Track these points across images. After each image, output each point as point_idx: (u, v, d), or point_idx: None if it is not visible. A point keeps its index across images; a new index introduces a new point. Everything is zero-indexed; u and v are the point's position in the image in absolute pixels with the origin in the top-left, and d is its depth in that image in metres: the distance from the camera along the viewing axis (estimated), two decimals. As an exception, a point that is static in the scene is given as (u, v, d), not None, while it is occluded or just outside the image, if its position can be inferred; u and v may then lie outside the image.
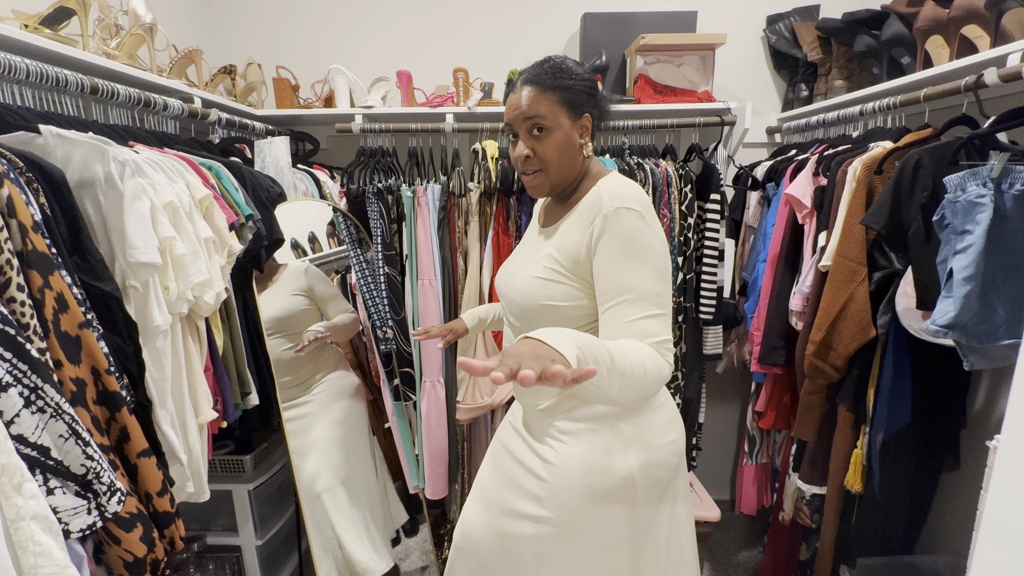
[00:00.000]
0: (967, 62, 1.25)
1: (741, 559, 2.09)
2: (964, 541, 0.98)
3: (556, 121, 0.96)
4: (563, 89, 0.95)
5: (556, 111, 0.95)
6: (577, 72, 0.97)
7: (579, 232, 0.94)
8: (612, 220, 0.89)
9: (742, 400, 2.34)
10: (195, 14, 2.06)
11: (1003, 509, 0.61)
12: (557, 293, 0.95)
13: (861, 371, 1.34)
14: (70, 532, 0.78)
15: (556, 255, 0.96)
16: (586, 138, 0.99)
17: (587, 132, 0.99)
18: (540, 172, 0.99)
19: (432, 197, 1.77)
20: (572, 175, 1.00)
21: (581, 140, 0.98)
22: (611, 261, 0.89)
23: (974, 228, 1.03)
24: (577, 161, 0.99)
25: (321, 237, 1.92)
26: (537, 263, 0.99)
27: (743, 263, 1.89)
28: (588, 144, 1.00)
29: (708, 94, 1.95)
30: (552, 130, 0.96)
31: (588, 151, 1.00)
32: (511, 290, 1.01)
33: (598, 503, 0.95)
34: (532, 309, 0.98)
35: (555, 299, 0.95)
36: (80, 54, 1.18)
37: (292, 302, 1.70)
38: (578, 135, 0.98)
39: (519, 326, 1.03)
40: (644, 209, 0.91)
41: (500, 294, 1.07)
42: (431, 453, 1.87)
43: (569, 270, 0.94)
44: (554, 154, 0.97)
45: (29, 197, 0.84)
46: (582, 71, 0.98)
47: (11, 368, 0.72)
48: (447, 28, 2.15)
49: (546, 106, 0.95)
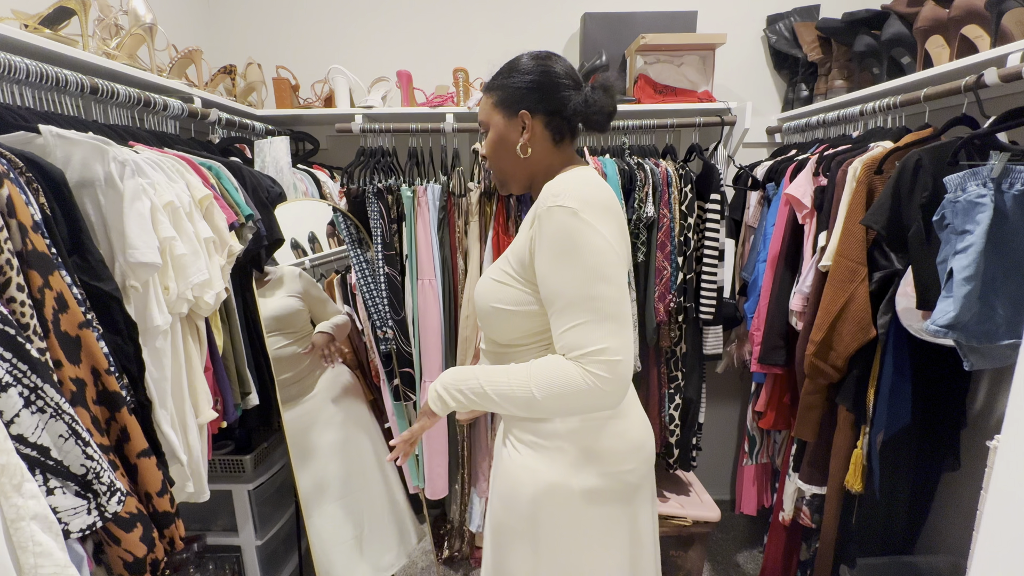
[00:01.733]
0: (967, 62, 1.25)
1: (741, 559, 2.09)
2: (964, 541, 0.98)
3: (490, 121, 0.97)
4: (498, 88, 0.95)
5: (490, 112, 0.96)
6: (525, 67, 0.93)
7: (525, 233, 0.91)
8: (545, 220, 0.83)
9: (742, 400, 2.34)
10: (195, 14, 2.06)
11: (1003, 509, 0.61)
12: (507, 296, 0.92)
13: (861, 371, 1.34)
14: (70, 532, 0.78)
15: (509, 257, 0.94)
16: (527, 136, 0.93)
17: (529, 130, 0.93)
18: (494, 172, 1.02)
19: (432, 197, 1.76)
20: (520, 174, 0.98)
21: (522, 138, 0.93)
22: (543, 265, 0.84)
23: (974, 228, 1.03)
24: (515, 160, 0.96)
25: (321, 237, 1.92)
26: (496, 266, 0.97)
27: (743, 263, 1.89)
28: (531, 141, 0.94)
29: (708, 94, 1.95)
30: (489, 131, 0.98)
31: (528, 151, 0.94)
32: (475, 293, 1.00)
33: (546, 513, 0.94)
34: (486, 312, 0.96)
35: (504, 303, 0.92)
36: (80, 54, 1.18)
37: (288, 303, 1.71)
38: (516, 133, 0.94)
39: (482, 331, 1.03)
40: (583, 206, 0.82)
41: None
42: (431, 453, 1.87)
43: (519, 273, 0.90)
44: (490, 154, 0.99)
45: (29, 197, 0.84)
46: (532, 65, 0.93)
47: (11, 368, 0.72)
48: (447, 28, 2.14)
49: (485, 109, 0.97)
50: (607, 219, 0.84)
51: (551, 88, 0.92)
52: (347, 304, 1.98)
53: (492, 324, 0.96)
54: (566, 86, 0.92)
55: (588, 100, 0.92)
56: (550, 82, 0.92)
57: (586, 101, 0.92)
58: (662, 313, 1.75)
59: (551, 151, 0.96)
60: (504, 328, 0.94)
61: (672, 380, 1.84)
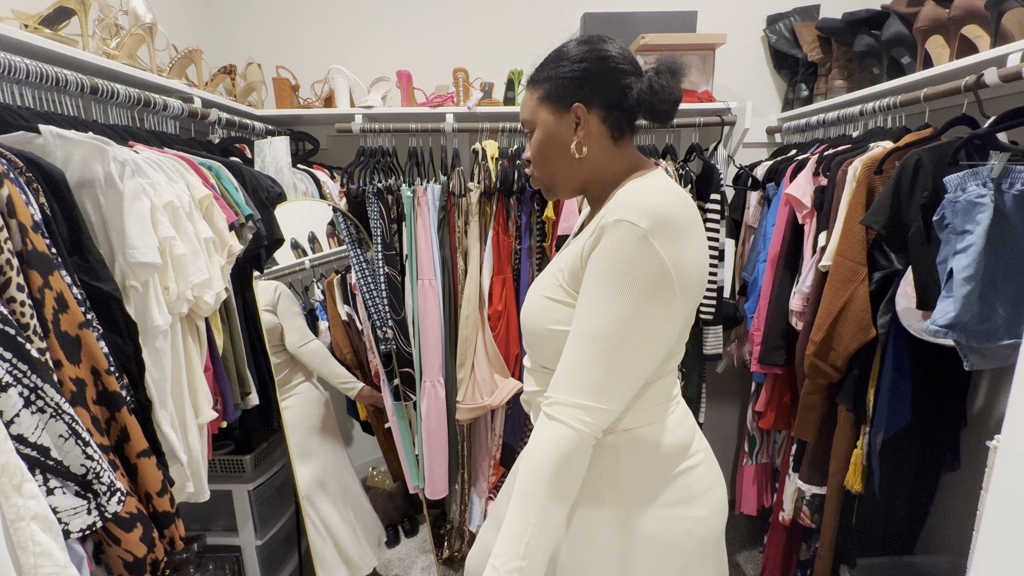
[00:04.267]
0: (967, 62, 1.25)
1: (741, 559, 2.09)
2: (964, 541, 0.98)
3: (537, 119, 0.84)
4: (544, 81, 0.82)
5: (536, 109, 0.84)
6: (575, 53, 0.80)
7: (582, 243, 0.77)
8: (608, 232, 0.72)
9: (742, 400, 2.34)
10: (195, 14, 2.05)
11: (1003, 509, 0.61)
12: (565, 316, 0.78)
13: (861, 371, 1.34)
14: (70, 532, 0.78)
15: (562, 269, 0.80)
16: (583, 133, 0.81)
17: (584, 126, 0.81)
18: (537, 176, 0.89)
19: (432, 197, 1.76)
20: (574, 177, 0.85)
21: (576, 136, 0.81)
22: (589, 278, 0.74)
23: (974, 228, 1.03)
24: (569, 162, 0.83)
25: (321, 237, 1.92)
26: (547, 279, 0.83)
27: (743, 263, 1.89)
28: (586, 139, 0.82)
29: (708, 94, 1.95)
30: (534, 130, 0.85)
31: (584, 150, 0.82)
32: (523, 313, 0.86)
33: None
34: (539, 335, 0.82)
35: (562, 323, 0.78)
36: (80, 54, 1.18)
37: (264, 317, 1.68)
38: (569, 130, 0.82)
39: (530, 353, 0.88)
40: (658, 226, 0.70)
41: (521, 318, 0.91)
42: (431, 453, 1.87)
43: (572, 287, 0.79)
44: (537, 155, 0.86)
45: (29, 197, 0.84)
46: (584, 51, 0.80)
47: (11, 368, 0.72)
48: (447, 28, 2.14)
49: (529, 107, 0.85)
50: (684, 241, 0.73)
51: (609, 75, 0.79)
52: (347, 304, 1.98)
53: (545, 347, 0.82)
54: (626, 72, 0.79)
55: (654, 86, 0.78)
56: (607, 68, 0.79)
57: (651, 88, 0.79)
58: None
59: (610, 150, 0.83)
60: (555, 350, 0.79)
61: (672, 380, 1.84)
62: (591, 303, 0.73)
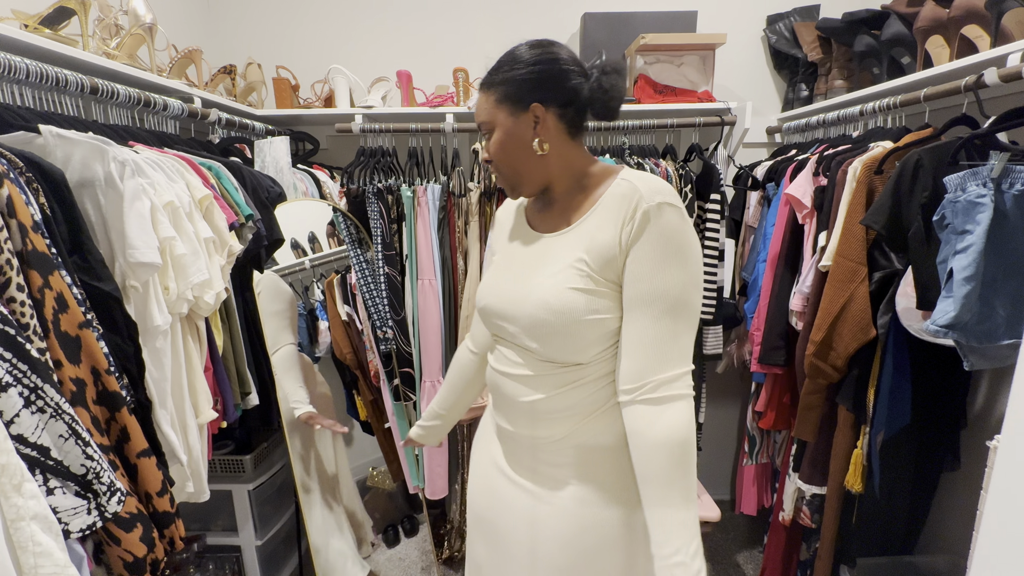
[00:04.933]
0: (967, 62, 1.25)
1: (741, 559, 2.09)
2: (964, 541, 0.98)
3: (495, 121, 0.87)
4: (501, 84, 0.85)
5: (494, 111, 0.86)
6: (528, 57, 0.84)
7: (612, 228, 0.80)
8: (655, 216, 0.77)
9: (742, 400, 2.34)
10: (195, 14, 2.06)
11: (1003, 509, 0.61)
12: (601, 305, 0.81)
13: (861, 371, 1.34)
14: (70, 532, 0.78)
15: (587, 258, 0.81)
16: (543, 131, 0.85)
17: (542, 124, 0.85)
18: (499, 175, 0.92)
19: (432, 197, 1.76)
20: (537, 174, 0.89)
21: (536, 134, 0.85)
22: (649, 262, 0.78)
23: (974, 228, 1.03)
24: (531, 159, 0.87)
25: (321, 237, 1.92)
26: (564, 272, 0.83)
27: (743, 263, 1.89)
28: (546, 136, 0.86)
29: (708, 94, 1.95)
30: (493, 131, 0.88)
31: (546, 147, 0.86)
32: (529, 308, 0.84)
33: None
34: (566, 328, 0.81)
35: (600, 311, 0.81)
36: (80, 54, 1.18)
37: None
38: (529, 129, 0.85)
39: (537, 348, 0.85)
40: (681, 205, 0.80)
41: (505, 317, 0.88)
42: (431, 453, 1.87)
43: (603, 275, 0.81)
44: (499, 155, 0.88)
45: (29, 197, 0.84)
46: (536, 54, 0.84)
47: (11, 368, 0.72)
48: (447, 28, 2.14)
49: (486, 109, 0.87)
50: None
51: (561, 76, 0.84)
52: (347, 304, 1.98)
53: (573, 340, 0.82)
54: (576, 73, 0.85)
55: (604, 85, 0.85)
56: (559, 70, 0.84)
57: (601, 87, 0.85)
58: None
59: (570, 145, 0.88)
60: (590, 343, 0.82)
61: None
62: (667, 280, 0.78)
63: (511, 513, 0.93)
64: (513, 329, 0.88)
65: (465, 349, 1.14)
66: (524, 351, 0.88)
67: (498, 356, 0.93)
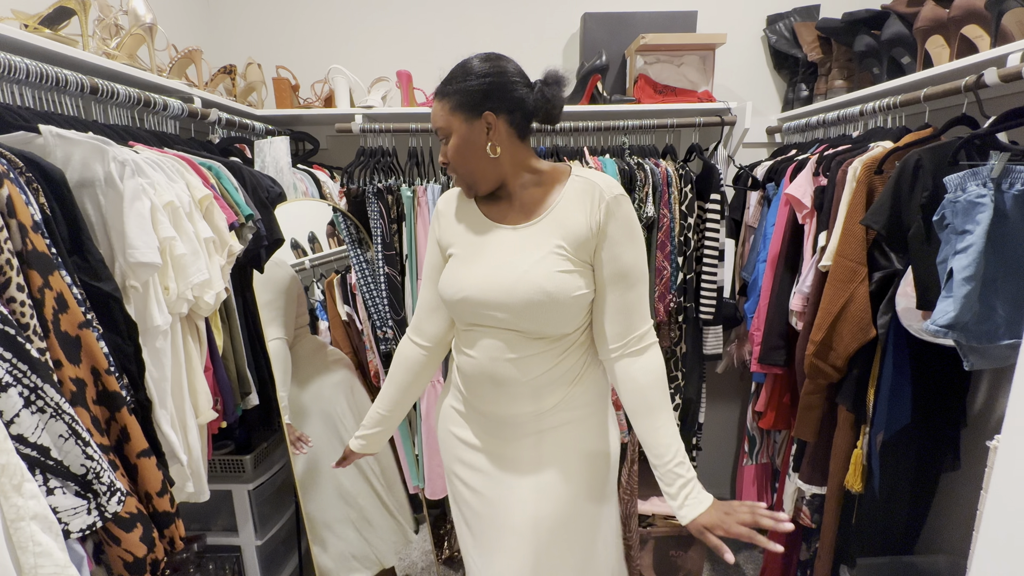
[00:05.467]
0: (967, 62, 1.25)
1: (741, 559, 2.09)
2: (964, 541, 0.98)
3: (451, 127, 0.96)
4: (455, 94, 0.94)
5: (449, 118, 0.95)
6: (479, 69, 0.94)
7: (581, 217, 0.95)
8: (616, 206, 0.95)
9: (742, 400, 2.34)
10: (195, 14, 2.06)
11: (1003, 509, 0.61)
12: (583, 282, 0.96)
13: (861, 371, 1.34)
14: (70, 532, 0.78)
15: (565, 244, 0.95)
16: (495, 136, 0.95)
17: (494, 129, 0.95)
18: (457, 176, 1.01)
19: (432, 197, 1.76)
20: (490, 174, 0.98)
21: (489, 139, 0.95)
22: (619, 244, 0.95)
23: (974, 228, 1.03)
24: (485, 161, 0.97)
25: (321, 237, 1.92)
26: (548, 258, 0.95)
27: (743, 263, 1.89)
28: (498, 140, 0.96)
29: (708, 94, 1.95)
30: (450, 136, 0.97)
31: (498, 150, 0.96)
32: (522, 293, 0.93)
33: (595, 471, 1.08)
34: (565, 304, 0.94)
35: (582, 288, 0.95)
36: (80, 54, 1.18)
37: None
38: (482, 135, 0.95)
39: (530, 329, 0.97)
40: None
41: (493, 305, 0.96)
42: (431, 453, 1.87)
43: (579, 257, 0.96)
44: (456, 158, 0.98)
45: (29, 197, 0.84)
46: (487, 67, 0.94)
47: (11, 368, 0.72)
48: (447, 28, 2.14)
49: (442, 116, 0.96)
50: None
51: (509, 87, 0.94)
52: (347, 304, 1.98)
53: (563, 314, 0.96)
54: (521, 83, 0.96)
55: (546, 95, 0.97)
56: (507, 81, 0.94)
57: (544, 96, 0.97)
58: (662, 313, 1.75)
59: (518, 147, 0.99)
60: (575, 315, 0.98)
61: (672, 380, 1.84)
62: (635, 257, 0.97)
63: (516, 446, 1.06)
64: (503, 315, 0.97)
65: (410, 345, 1.17)
66: (515, 334, 0.98)
67: (484, 347, 1.01)
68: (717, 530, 0.89)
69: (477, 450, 1.09)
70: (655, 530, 1.84)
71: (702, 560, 1.90)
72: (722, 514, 0.90)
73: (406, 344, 1.18)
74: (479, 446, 1.08)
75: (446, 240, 1.07)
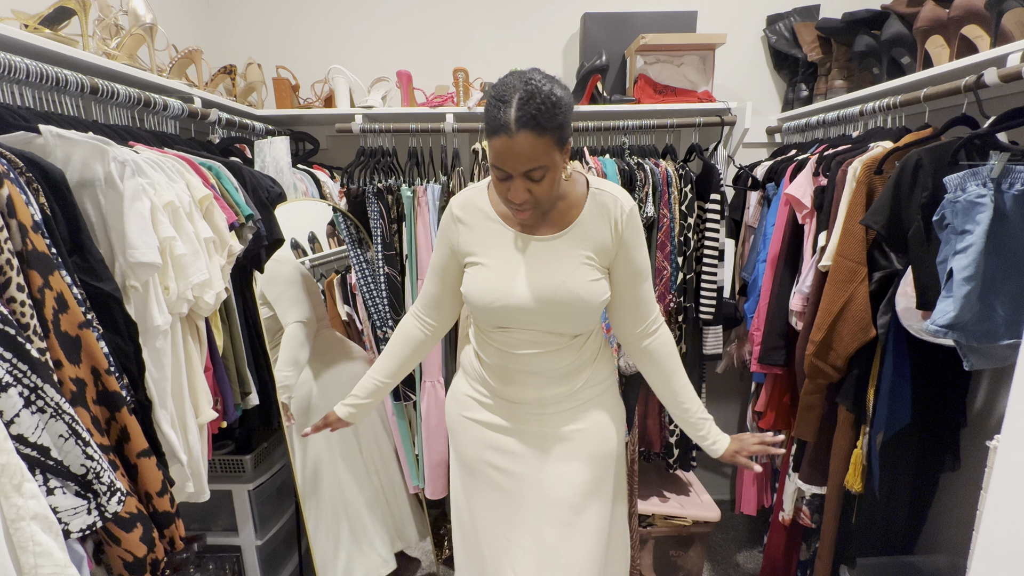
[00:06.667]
0: (967, 62, 1.25)
1: (741, 559, 2.09)
2: (964, 541, 0.98)
3: (550, 162, 0.93)
4: (556, 129, 0.90)
5: (552, 152, 0.92)
6: (564, 101, 0.91)
7: (604, 228, 1.05)
8: (632, 215, 1.06)
9: (742, 400, 2.34)
10: (195, 14, 2.06)
11: (1003, 509, 0.61)
12: (606, 286, 1.08)
13: (861, 371, 1.34)
14: (70, 532, 0.78)
15: (593, 254, 1.05)
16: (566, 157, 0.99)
17: (568, 150, 0.98)
18: (534, 209, 0.98)
19: (432, 197, 1.76)
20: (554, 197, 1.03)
21: (565, 164, 1.00)
22: (634, 248, 1.08)
23: (974, 228, 1.03)
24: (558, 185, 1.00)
25: (321, 237, 1.92)
26: (581, 268, 1.04)
27: (743, 263, 1.89)
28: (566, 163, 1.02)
29: (708, 94, 1.95)
30: (548, 171, 0.93)
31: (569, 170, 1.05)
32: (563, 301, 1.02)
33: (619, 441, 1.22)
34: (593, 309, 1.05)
35: (605, 292, 1.07)
36: (80, 54, 1.18)
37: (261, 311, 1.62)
38: (564, 161, 0.99)
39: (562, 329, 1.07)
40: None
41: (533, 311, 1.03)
42: (431, 453, 1.87)
43: (600, 263, 1.06)
44: (549, 190, 0.96)
45: (29, 197, 0.84)
46: (565, 96, 0.92)
47: (11, 368, 0.72)
48: (447, 28, 2.15)
49: (545, 153, 0.91)
50: None
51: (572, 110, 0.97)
52: (347, 304, 1.98)
53: (593, 316, 1.08)
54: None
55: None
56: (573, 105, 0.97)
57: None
58: (662, 313, 1.75)
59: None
60: (599, 314, 1.10)
61: (672, 380, 1.84)
62: (644, 255, 1.11)
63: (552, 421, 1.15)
64: (539, 319, 1.05)
65: (415, 325, 1.24)
66: (546, 333, 1.07)
67: (514, 342, 1.09)
68: (743, 452, 1.21)
69: (508, 433, 1.14)
70: (655, 530, 1.84)
71: (702, 560, 1.90)
72: (740, 443, 1.21)
73: (411, 321, 1.25)
74: (510, 428, 1.14)
75: (466, 248, 1.09)
